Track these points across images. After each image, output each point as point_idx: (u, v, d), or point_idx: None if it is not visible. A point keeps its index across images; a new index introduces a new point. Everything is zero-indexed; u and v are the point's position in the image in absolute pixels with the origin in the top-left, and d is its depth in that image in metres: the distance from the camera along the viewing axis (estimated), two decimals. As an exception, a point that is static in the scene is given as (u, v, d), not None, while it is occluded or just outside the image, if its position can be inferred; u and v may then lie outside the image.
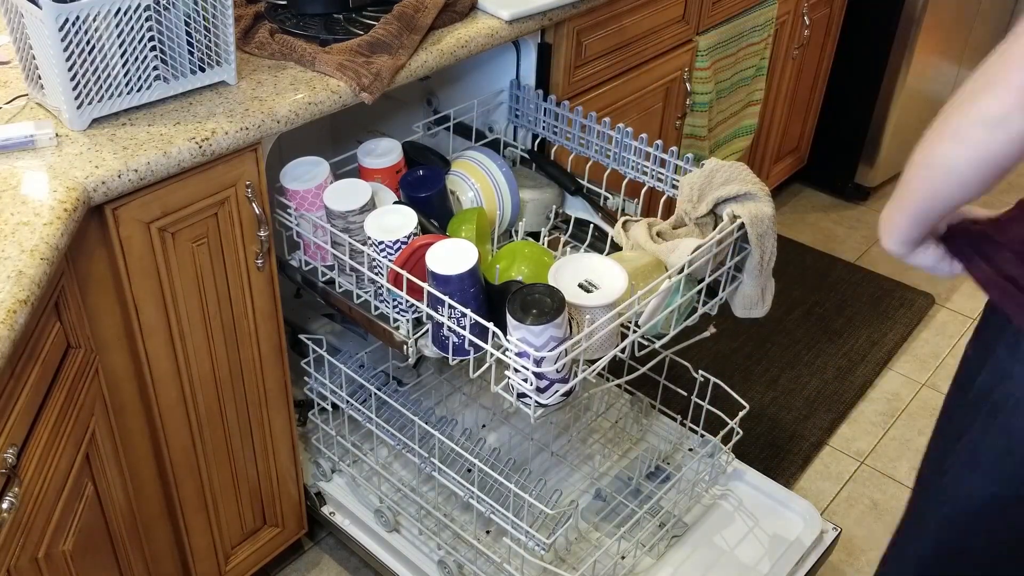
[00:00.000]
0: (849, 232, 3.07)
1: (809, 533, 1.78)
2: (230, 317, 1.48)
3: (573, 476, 1.89)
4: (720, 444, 1.81)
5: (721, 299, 1.53)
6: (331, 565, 1.95)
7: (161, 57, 1.33)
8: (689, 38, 2.19)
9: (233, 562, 1.72)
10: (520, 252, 1.52)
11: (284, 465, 1.72)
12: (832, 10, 2.79)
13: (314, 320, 2.08)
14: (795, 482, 2.17)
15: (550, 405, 1.32)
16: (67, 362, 1.20)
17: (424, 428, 1.63)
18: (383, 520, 1.79)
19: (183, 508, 1.57)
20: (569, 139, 1.79)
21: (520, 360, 1.28)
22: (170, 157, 1.26)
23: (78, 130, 1.29)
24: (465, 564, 1.69)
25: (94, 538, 1.29)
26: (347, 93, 1.45)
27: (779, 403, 2.37)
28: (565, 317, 1.26)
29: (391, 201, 1.57)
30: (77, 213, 1.16)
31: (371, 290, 1.53)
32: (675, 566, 1.73)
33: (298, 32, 1.52)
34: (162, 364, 1.41)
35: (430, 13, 1.58)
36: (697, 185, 1.49)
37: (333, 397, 1.76)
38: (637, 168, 1.69)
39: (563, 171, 1.78)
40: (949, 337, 2.64)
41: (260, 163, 1.41)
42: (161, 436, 1.47)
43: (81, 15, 1.22)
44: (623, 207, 1.73)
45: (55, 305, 1.17)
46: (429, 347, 1.48)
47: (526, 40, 1.78)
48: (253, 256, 1.46)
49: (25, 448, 1.07)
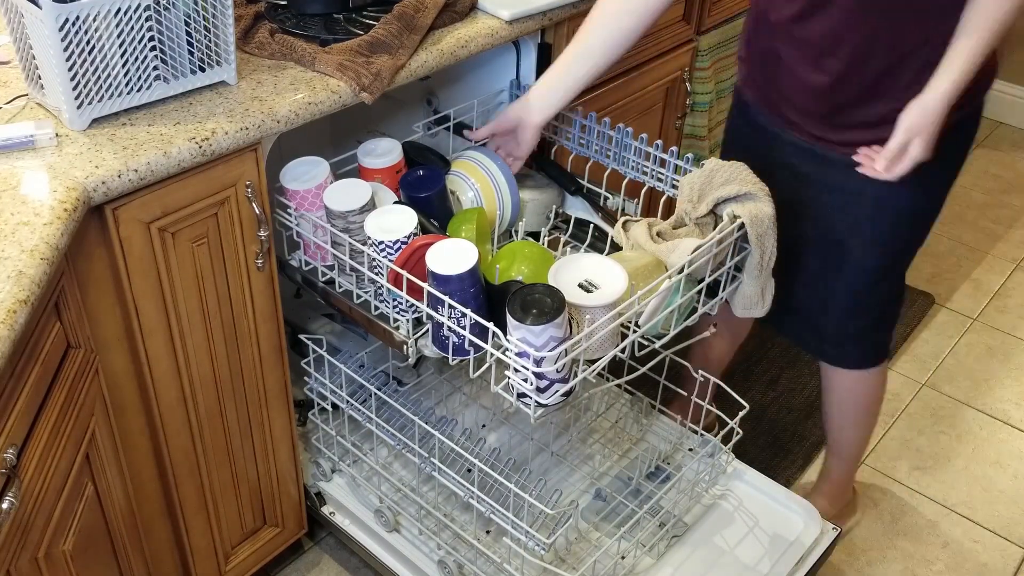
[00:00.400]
0: (849, 232, 3.07)
1: (809, 533, 1.78)
2: (230, 317, 1.48)
3: (573, 476, 1.89)
4: (720, 444, 1.81)
5: (721, 299, 1.53)
6: (331, 565, 1.95)
7: (161, 57, 1.33)
8: (689, 38, 2.19)
9: (233, 562, 1.72)
10: (520, 252, 1.52)
11: (284, 465, 1.72)
12: (832, 10, 2.78)
13: (314, 320, 2.08)
14: (795, 482, 2.17)
15: (550, 405, 1.32)
16: (67, 362, 1.20)
17: (424, 428, 1.63)
18: (383, 520, 1.79)
19: (183, 508, 1.57)
20: (569, 139, 1.79)
21: (520, 360, 1.28)
22: (170, 157, 1.26)
23: (78, 130, 1.29)
24: (465, 564, 1.69)
25: (94, 538, 1.29)
26: (347, 93, 1.45)
27: (779, 403, 2.37)
28: (565, 317, 1.26)
29: (391, 201, 1.57)
30: (77, 213, 1.16)
31: (371, 290, 1.53)
32: (675, 566, 1.73)
33: (298, 32, 1.52)
34: (162, 364, 1.41)
35: (430, 13, 1.58)
36: (697, 185, 1.49)
37: (333, 397, 1.76)
38: (637, 168, 1.69)
39: (563, 171, 1.78)
40: (949, 337, 2.64)
41: (260, 163, 1.41)
42: (161, 436, 1.47)
43: (81, 15, 1.22)
44: (623, 207, 1.73)
45: (55, 305, 1.17)
46: (429, 347, 1.48)
47: (526, 40, 1.78)
48: (253, 256, 1.46)
49: (25, 448, 1.07)
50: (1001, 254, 2.98)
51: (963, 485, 2.19)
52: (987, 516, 2.12)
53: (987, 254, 2.98)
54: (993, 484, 2.20)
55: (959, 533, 2.08)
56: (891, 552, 2.03)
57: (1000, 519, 2.11)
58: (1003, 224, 3.13)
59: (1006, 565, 2.02)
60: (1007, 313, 2.74)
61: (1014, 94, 3.67)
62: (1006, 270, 2.91)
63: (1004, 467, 2.24)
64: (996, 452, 2.28)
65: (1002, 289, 2.83)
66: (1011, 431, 2.34)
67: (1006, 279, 2.87)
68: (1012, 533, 2.08)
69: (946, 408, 2.41)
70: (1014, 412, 2.40)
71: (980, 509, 2.14)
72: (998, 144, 3.59)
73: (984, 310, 2.74)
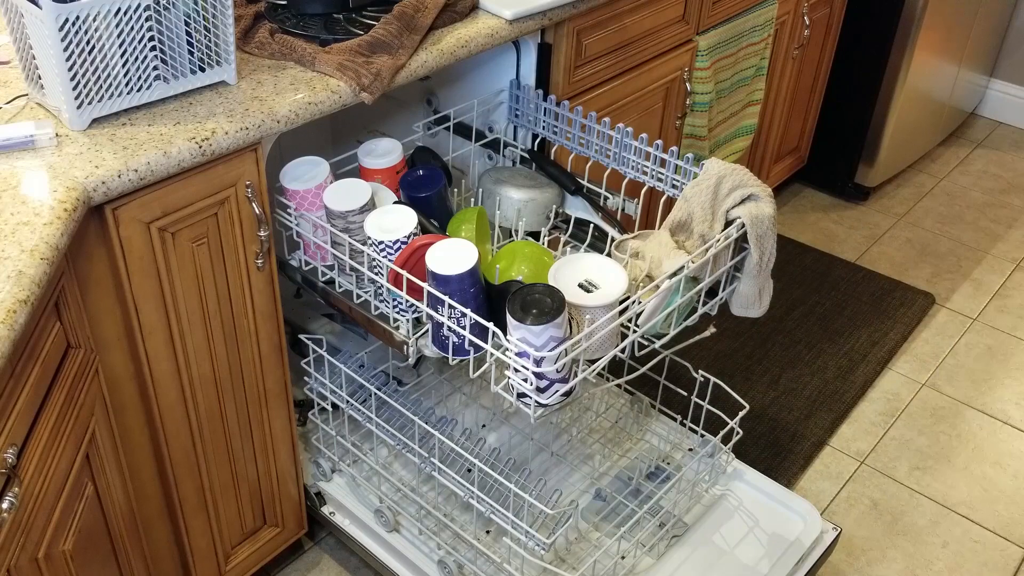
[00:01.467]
0: (849, 232, 3.07)
1: (809, 533, 1.78)
2: (230, 317, 1.48)
3: (573, 476, 1.89)
4: (720, 444, 1.81)
5: (721, 299, 1.53)
6: (331, 565, 1.95)
7: (161, 57, 1.33)
8: (689, 38, 2.19)
9: (233, 562, 1.72)
10: (520, 252, 1.52)
11: (284, 465, 1.72)
12: (832, 10, 2.79)
13: (314, 320, 2.08)
14: (795, 482, 2.17)
15: (550, 405, 1.32)
16: (67, 362, 1.20)
17: (424, 428, 1.63)
18: (383, 520, 1.79)
19: (183, 508, 1.57)
20: (569, 139, 1.79)
21: (520, 360, 1.28)
22: (170, 157, 1.26)
23: (78, 130, 1.29)
24: (465, 564, 1.69)
25: (94, 538, 1.29)
26: (347, 93, 1.45)
27: (779, 403, 2.37)
28: (565, 317, 1.26)
29: (391, 201, 1.57)
30: (77, 213, 1.16)
31: (371, 290, 1.53)
32: (675, 566, 1.73)
33: (298, 32, 1.52)
34: (162, 364, 1.41)
35: (430, 13, 1.58)
36: (708, 203, 1.48)
37: (333, 397, 1.76)
38: (637, 168, 1.69)
39: (563, 171, 1.78)
40: (949, 337, 2.64)
41: (260, 163, 1.41)
42: (161, 436, 1.47)
43: (81, 15, 1.22)
44: (623, 207, 1.73)
45: (55, 305, 1.17)
46: (429, 347, 1.48)
47: (526, 40, 1.78)
48: (253, 256, 1.46)
49: (25, 448, 1.07)
50: (1001, 254, 2.98)
51: (963, 485, 2.19)
52: (987, 516, 2.12)
53: (987, 254, 2.98)
54: (993, 484, 2.20)
55: (959, 533, 2.08)
56: (891, 552, 2.03)
57: (1000, 519, 2.12)
58: (1003, 224, 3.13)
59: (1006, 565, 2.02)
60: (1007, 313, 2.74)
61: (1014, 94, 3.67)
62: (1006, 270, 2.91)
63: (1004, 467, 2.24)
64: (996, 452, 2.28)
65: (1002, 289, 2.83)
66: (1011, 431, 2.34)
67: (1006, 279, 2.88)
68: (1012, 533, 2.08)
69: (946, 408, 2.41)
70: (1014, 412, 2.40)
71: (980, 509, 2.14)
72: (998, 144, 3.59)
73: (984, 310, 2.75)
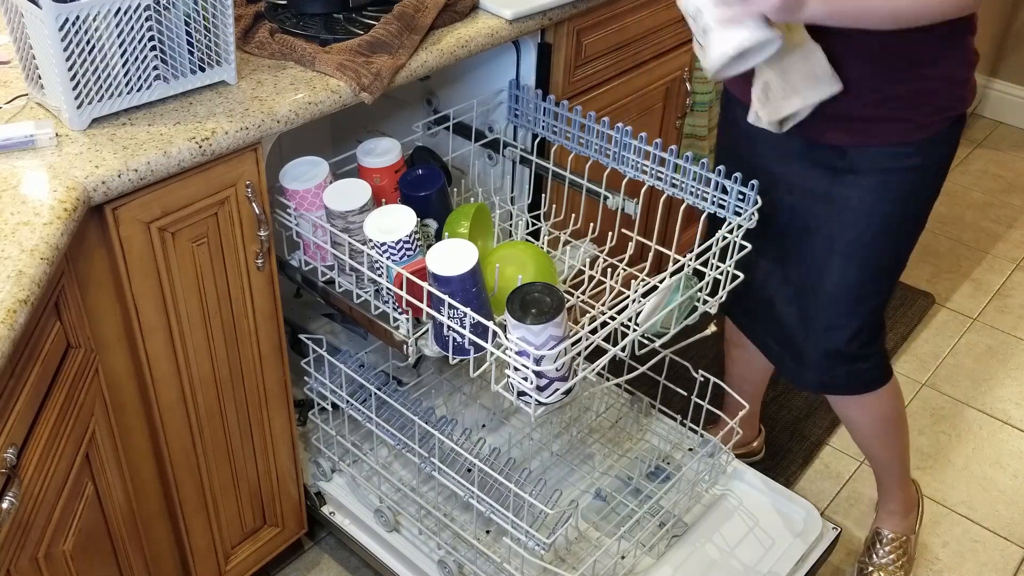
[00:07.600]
0: (849, 232, 3.07)
1: (809, 533, 1.78)
2: (230, 317, 1.48)
3: (573, 476, 1.89)
4: (720, 444, 1.81)
5: (721, 298, 1.53)
6: (331, 565, 1.95)
7: (161, 57, 1.33)
8: (689, 38, 2.19)
9: (233, 562, 1.72)
10: (520, 252, 1.53)
11: (284, 465, 1.72)
12: (832, 10, 2.78)
13: (314, 320, 2.08)
14: (795, 482, 2.17)
15: (550, 404, 1.32)
16: (67, 362, 1.20)
17: (424, 428, 1.63)
18: (383, 520, 1.79)
19: (183, 508, 1.57)
20: (569, 139, 1.78)
21: (520, 359, 1.28)
22: (170, 157, 1.26)
23: (78, 130, 1.29)
24: (465, 564, 1.69)
25: (94, 538, 1.29)
26: (347, 93, 1.45)
27: (779, 402, 2.37)
28: (564, 316, 1.26)
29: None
30: (77, 213, 1.16)
31: (371, 290, 1.54)
32: (675, 566, 1.73)
33: (298, 32, 1.52)
34: (162, 364, 1.41)
35: (430, 13, 1.58)
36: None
37: (333, 397, 1.76)
38: (637, 167, 1.69)
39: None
40: (949, 337, 2.64)
41: (260, 163, 1.41)
42: (161, 436, 1.47)
43: (81, 15, 1.22)
44: (623, 206, 1.73)
45: (55, 305, 1.17)
46: (429, 346, 1.48)
47: (526, 40, 1.78)
48: (253, 256, 1.46)
49: (25, 448, 1.07)
50: (1001, 254, 2.98)
51: (963, 485, 2.19)
52: (987, 516, 2.12)
53: (987, 254, 2.98)
54: (993, 484, 2.20)
55: (959, 533, 2.08)
56: (891, 552, 2.03)
57: (1000, 519, 2.12)
58: (1003, 224, 3.13)
59: (1006, 565, 2.02)
60: (1007, 313, 2.74)
61: (1014, 94, 3.67)
62: (1006, 270, 2.91)
63: (1004, 467, 2.24)
64: (996, 452, 2.28)
65: (1002, 289, 2.83)
66: (1011, 431, 2.34)
67: (1006, 279, 2.87)
68: (1012, 533, 2.08)
69: (946, 408, 2.41)
70: (1014, 412, 2.40)
71: (980, 509, 2.14)
72: (998, 144, 3.59)
73: (984, 310, 2.74)
